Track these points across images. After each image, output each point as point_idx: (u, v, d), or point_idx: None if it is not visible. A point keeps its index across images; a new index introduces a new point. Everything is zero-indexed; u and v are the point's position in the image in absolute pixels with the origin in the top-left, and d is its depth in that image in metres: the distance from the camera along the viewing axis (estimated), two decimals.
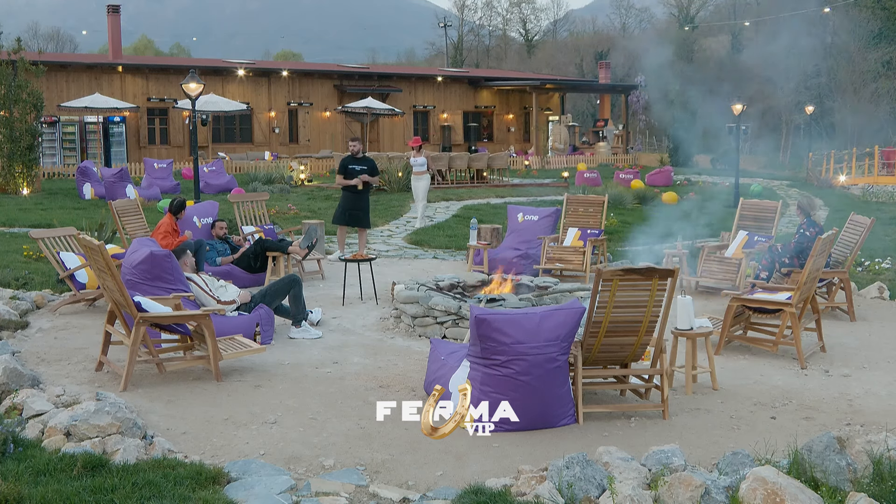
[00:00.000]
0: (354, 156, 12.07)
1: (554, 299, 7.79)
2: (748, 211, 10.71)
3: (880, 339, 7.96)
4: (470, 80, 40.42)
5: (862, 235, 9.23)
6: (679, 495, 4.05)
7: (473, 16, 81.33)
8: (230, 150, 32.77)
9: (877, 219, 10.07)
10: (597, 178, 25.28)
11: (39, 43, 74.31)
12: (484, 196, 22.15)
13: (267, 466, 4.66)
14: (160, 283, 7.12)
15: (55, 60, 31.82)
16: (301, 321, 7.79)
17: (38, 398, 5.49)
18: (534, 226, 11.36)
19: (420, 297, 7.83)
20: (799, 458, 4.29)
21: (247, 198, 11.87)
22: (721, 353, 7.22)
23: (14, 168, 20.28)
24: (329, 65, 43.08)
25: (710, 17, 66.24)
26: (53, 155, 28.75)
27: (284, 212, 17.12)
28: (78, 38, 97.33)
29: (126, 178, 19.05)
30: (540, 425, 5.32)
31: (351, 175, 11.89)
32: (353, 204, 11.90)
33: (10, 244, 12.18)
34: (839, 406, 5.92)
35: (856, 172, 30.06)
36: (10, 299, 8.40)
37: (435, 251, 13.52)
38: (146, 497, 4.11)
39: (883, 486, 4.02)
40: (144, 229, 10.59)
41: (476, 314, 5.35)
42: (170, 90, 32.08)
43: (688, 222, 13.44)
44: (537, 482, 4.30)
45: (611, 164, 35.30)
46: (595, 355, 5.62)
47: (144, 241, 7.72)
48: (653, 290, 5.39)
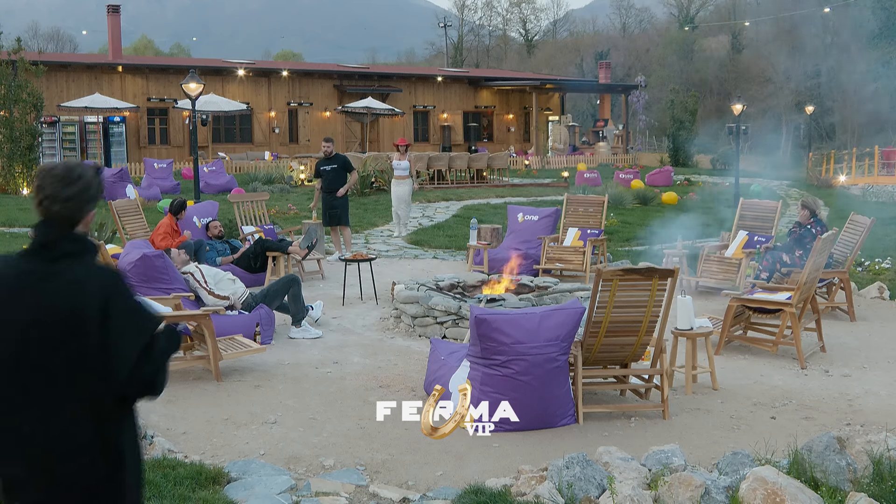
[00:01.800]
0: (327, 156, 12.24)
1: (554, 299, 7.79)
2: (748, 211, 10.71)
3: (880, 339, 7.96)
4: (470, 80, 40.42)
5: (862, 235, 9.22)
6: (679, 495, 4.05)
7: (473, 16, 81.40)
8: (230, 150, 32.77)
9: (877, 219, 10.06)
10: (597, 178, 25.28)
11: (39, 43, 74.28)
12: (484, 196, 22.15)
13: (267, 466, 4.66)
14: (156, 284, 7.11)
15: (55, 60, 31.82)
16: (301, 320, 7.79)
17: None
18: (534, 226, 11.36)
19: (420, 297, 7.83)
20: (799, 458, 4.29)
21: (247, 198, 11.87)
22: (721, 353, 7.22)
23: (14, 168, 20.29)
24: (329, 65, 43.08)
25: (710, 17, 66.26)
26: (53, 155, 28.71)
27: (284, 212, 17.13)
28: (78, 38, 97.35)
29: (126, 178, 19.03)
30: (540, 425, 5.31)
31: (324, 176, 12.12)
32: (329, 203, 12.06)
33: (10, 244, 12.19)
34: (839, 406, 5.92)
35: (856, 172, 30.06)
36: None
37: (435, 251, 13.52)
38: (146, 497, 4.11)
39: (883, 486, 4.02)
40: (144, 229, 10.59)
41: (476, 314, 5.35)
42: (170, 90, 32.07)
43: (688, 222, 13.43)
44: (537, 482, 4.30)
45: (611, 164, 35.29)
46: (595, 355, 5.62)
47: (137, 244, 7.72)
48: (653, 291, 5.39)
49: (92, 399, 2.43)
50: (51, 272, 2.45)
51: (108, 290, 2.45)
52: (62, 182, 2.52)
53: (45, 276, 2.45)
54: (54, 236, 2.49)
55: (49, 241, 2.49)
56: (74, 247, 2.50)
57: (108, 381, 2.43)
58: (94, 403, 2.43)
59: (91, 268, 2.50)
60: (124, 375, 2.43)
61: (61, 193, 2.51)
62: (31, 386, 2.41)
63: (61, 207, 2.50)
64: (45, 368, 2.41)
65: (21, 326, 2.42)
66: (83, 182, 2.54)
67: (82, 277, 2.45)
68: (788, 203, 20.00)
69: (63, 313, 2.41)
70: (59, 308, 2.42)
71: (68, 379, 2.41)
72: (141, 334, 2.48)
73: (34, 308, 2.42)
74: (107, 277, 2.49)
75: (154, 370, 2.52)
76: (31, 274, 2.47)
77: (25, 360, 2.42)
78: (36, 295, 2.44)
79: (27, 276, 2.47)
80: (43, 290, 2.44)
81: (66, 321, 2.41)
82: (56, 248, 2.48)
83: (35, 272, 2.47)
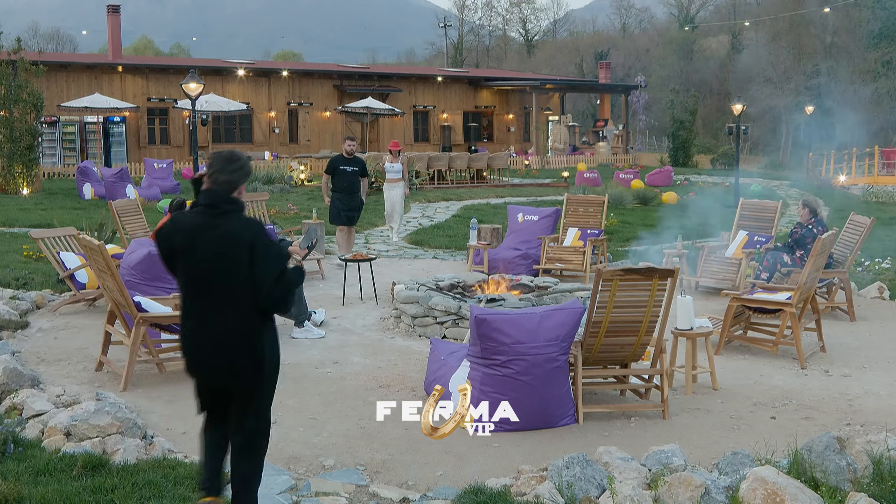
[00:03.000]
0: (346, 156, 11.98)
1: (554, 299, 7.79)
2: (748, 211, 10.71)
3: (880, 339, 7.95)
4: (470, 80, 40.40)
5: (862, 235, 9.22)
6: (679, 495, 4.05)
7: (473, 16, 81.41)
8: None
9: (877, 219, 10.06)
10: (597, 178, 25.27)
11: (39, 43, 74.24)
12: (484, 196, 22.15)
13: (267, 466, 4.64)
14: (159, 284, 7.13)
15: (55, 60, 31.80)
16: (303, 321, 7.79)
17: (38, 398, 5.49)
18: (534, 226, 11.36)
19: (420, 297, 7.83)
20: (799, 458, 4.29)
21: (247, 198, 11.85)
22: (721, 353, 7.22)
23: (14, 168, 20.25)
24: (329, 65, 43.06)
25: (710, 17, 66.25)
26: (53, 155, 28.72)
27: (284, 212, 17.12)
28: (78, 38, 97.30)
29: (126, 178, 19.04)
30: (540, 425, 5.31)
31: (341, 175, 11.93)
32: (348, 204, 11.96)
33: (10, 244, 12.17)
34: (839, 406, 5.92)
35: (856, 172, 30.05)
36: (10, 299, 8.40)
37: (435, 251, 13.52)
38: (146, 497, 4.11)
39: (883, 486, 4.02)
40: (144, 229, 10.58)
41: (476, 314, 5.35)
42: (170, 90, 32.06)
43: (688, 222, 13.44)
44: (537, 482, 4.30)
45: (611, 164, 35.28)
46: (595, 355, 5.62)
47: (142, 242, 7.72)
48: (653, 290, 5.39)
49: (247, 308, 3.65)
50: (216, 224, 3.67)
51: (253, 236, 3.65)
52: (227, 162, 3.76)
53: (212, 227, 3.67)
54: (218, 200, 3.71)
55: (214, 203, 3.71)
56: (232, 206, 3.73)
57: (255, 297, 3.63)
58: (249, 311, 3.66)
59: (242, 220, 3.73)
60: (263, 294, 3.63)
61: (226, 169, 3.73)
62: (215, 296, 3.66)
63: (225, 179, 3.73)
64: (222, 286, 3.64)
65: (202, 259, 3.65)
66: (240, 164, 3.79)
67: (237, 227, 3.69)
68: (788, 203, 20.00)
69: (225, 252, 3.63)
70: (222, 249, 3.63)
71: (234, 293, 3.64)
72: (274, 267, 3.66)
73: (210, 246, 3.63)
74: (252, 227, 3.71)
75: (283, 293, 3.70)
76: (203, 225, 3.68)
77: (209, 281, 3.65)
78: (207, 240, 3.64)
79: (199, 228, 3.68)
80: (211, 236, 3.65)
81: (228, 257, 3.62)
82: (219, 207, 3.71)
83: (205, 224, 3.68)
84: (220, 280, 3.63)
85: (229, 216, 3.68)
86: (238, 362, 3.68)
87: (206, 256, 3.63)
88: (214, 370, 3.74)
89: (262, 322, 3.71)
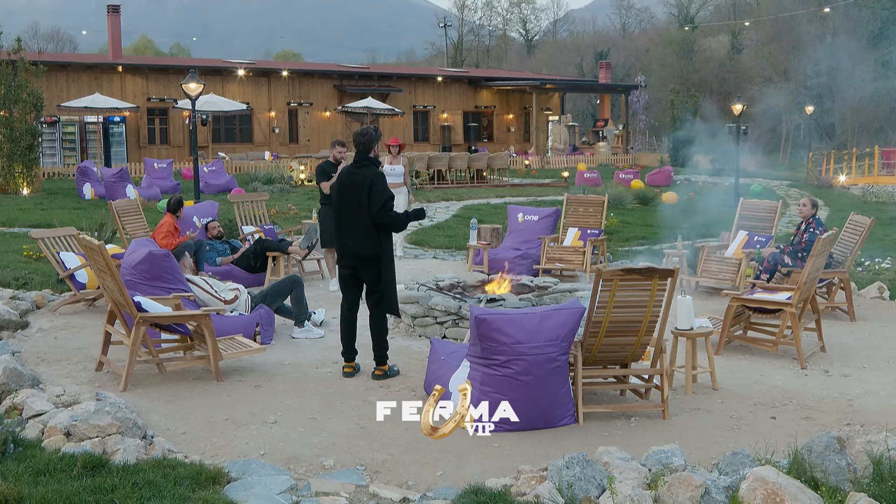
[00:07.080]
0: (334, 162, 9.80)
1: (554, 299, 7.79)
2: (748, 211, 10.71)
3: (880, 339, 7.95)
4: (470, 80, 40.42)
5: (862, 235, 9.23)
6: (679, 495, 4.05)
7: (473, 16, 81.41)
8: (230, 150, 32.77)
9: (877, 219, 10.06)
10: (597, 178, 25.28)
11: (39, 43, 74.24)
12: (484, 196, 22.15)
13: (267, 466, 4.66)
14: (160, 283, 7.12)
15: (55, 60, 31.81)
16: (304, 321, 7.79)
17: (38, 398, 5.49)
18: (534, 226, 11.36)
19: (420, 297, 7.83)
20: (799, 458, 4.29)
21: (247, 198, 11.87)
22: (721, 353, 7.22)
23: (14, 168, 20.26)
24: (329, 65, 43.08)
25: (710, 17, 66.25)
26: (53, 155, 28.74)
27: (284, 212, 17.12)
28: (78, 38, 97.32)
29: (126, 178, 19.03)
30: (540, 425, 5.31)
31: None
32: None
33: (10, 244, 12.18)
34: (839, 406, 5.92)
35: (856, 172, 30.06)
36: (10, 299, 8.40)
37: (435, 251, 13.52)
38: (146, 497, 4.11)
39: (883, 486, 4.02)
40: (144, 229, 10.58)
41: (476, 314, 5.35)
42: (170, 90, 32.07)
43: (688, 222, 13.43)
44: (537, 482, 4.30)
45: (611, 164, 35.29)
46: (595, 355, 5.62)
47: (143, 242, 7.71)
48: (653, 290, 5.39)
49: (371, 225, 6.27)
50: (357, 171, 6.38)
51: (373, 180, 6.29)
52: (359, 135, 6.50)
53: (355, 173, 6.38)
54: (360, 157, 6.44)
55: (359, 159, 6.43)
56: (367, 162, 6.44)
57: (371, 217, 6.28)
58: (372, 227, 6.27)
59: (371, 170, 6.38)
60: (372, 216, 6.24)
61: (358, 140, 6.48)
62: (356, 215, 6.30)
63: (362, 143, 6.45)
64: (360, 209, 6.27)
65: (350, 192, 6.34)
66: (369, 134, 6.49)
67: (367, 174, 6.33)
68: (788, 203, 20.00)
69: (360, 187, 6.27)
70: (359, 186, 6.28)
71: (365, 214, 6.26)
72: (380, 200, 6.25)
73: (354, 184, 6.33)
74: (375, 175, 6.33)
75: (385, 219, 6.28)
76: (352, 172, 6.41)
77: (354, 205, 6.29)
78: (355, 181, 6.34)
79: (350, 173, 6.43)
80: (355, 178, 6.35)
81: (361, 190, 6.26)
82: (360, 162, 6.43)
83: (353, 172, 6.40)
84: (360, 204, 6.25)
85: (363, 168, 6.37)
86: (367, 251, 6.26)
87: (352, 190, 6.31)
88: (355, 257, 6.35)
89: (378, 232, 6.26)
